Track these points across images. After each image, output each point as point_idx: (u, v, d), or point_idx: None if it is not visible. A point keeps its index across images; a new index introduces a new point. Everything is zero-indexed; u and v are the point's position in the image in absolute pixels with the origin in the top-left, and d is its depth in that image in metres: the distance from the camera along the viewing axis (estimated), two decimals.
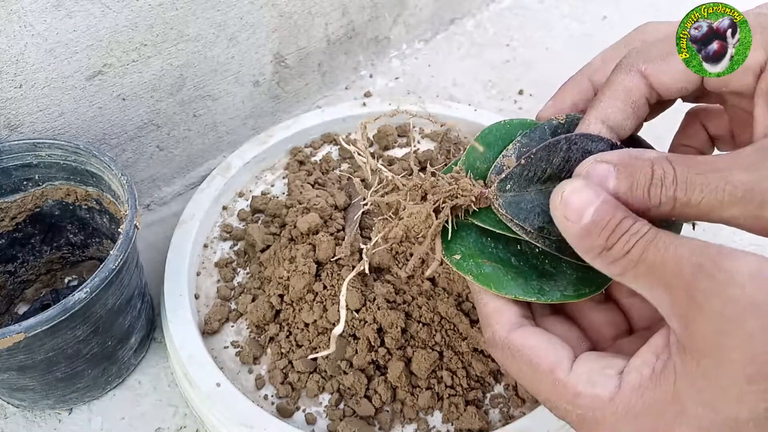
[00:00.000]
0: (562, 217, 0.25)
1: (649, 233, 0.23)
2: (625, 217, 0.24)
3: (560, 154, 0.27)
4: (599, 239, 0.24)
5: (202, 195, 0.58)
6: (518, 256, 0.29)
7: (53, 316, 0.37)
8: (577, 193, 0.25)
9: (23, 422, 0.47)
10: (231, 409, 0.43)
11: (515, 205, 0.27)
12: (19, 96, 0.47)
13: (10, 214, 0.49)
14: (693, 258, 0.22)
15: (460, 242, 0.29)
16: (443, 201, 0.28)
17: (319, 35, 0.68)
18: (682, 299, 0.22)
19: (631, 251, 0.23)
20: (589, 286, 0.28)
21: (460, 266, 0.28)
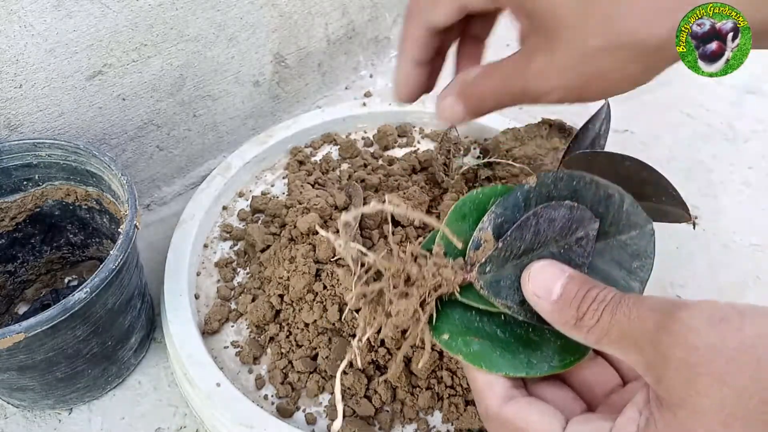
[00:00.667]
0: (532, 295, 0.27)
1: (614, 299, 0.25)
2: (591, 287, 0.26)
3: (530, 230, 0.29)
4: (570, 311, 0.26)
5: (202, 195, 0.58)
6: (503, 327, 0.30)
7: (53, 316, 0.37)
8: (543, 270, 0.27)
9: (23, 422, 0.47)
10: (231, 409, 0.43)
11: (495, 284, 0.29)
12: (19, 96, 0.47)
13: (10, 214, 0.49)
14: (653, 315, 0.23)
15: (446, 320, 0.30)
16: (428, 293, 0.29)
17: (319, 35, 0.68)
18: (652, 356, 0.23)
19: (601, 319, 0.25)
20: (573, 354, 0.29)
21: (449, 346, 0.29)
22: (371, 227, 0.51)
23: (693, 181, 0.68)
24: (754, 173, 0.69)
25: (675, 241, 0.61)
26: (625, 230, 0.32)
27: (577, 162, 0.46)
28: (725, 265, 0.60)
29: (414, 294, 0.29)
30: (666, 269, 0.59)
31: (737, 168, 0.69)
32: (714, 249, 0.61)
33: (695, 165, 0.70)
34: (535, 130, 0.59)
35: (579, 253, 0.30)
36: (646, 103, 0.76)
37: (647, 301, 0.24)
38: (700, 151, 0.71)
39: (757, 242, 0.62)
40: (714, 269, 0.60)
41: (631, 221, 0.32)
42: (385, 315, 0.29)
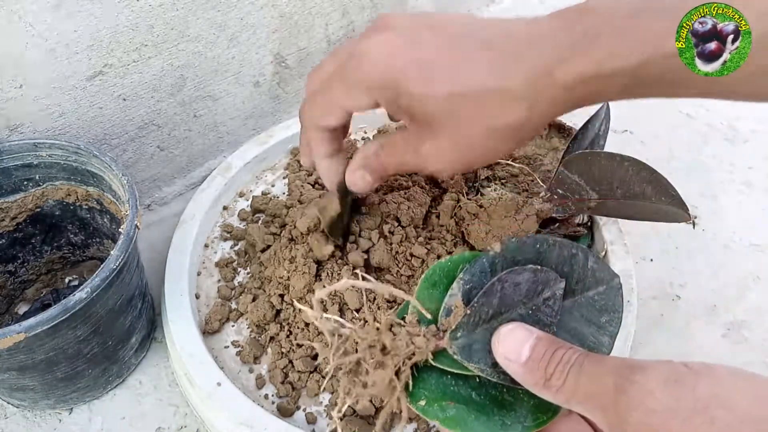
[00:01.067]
0: (503, 358, 0.28)
1: (578, 359, 0.26)
2: (557, 348, 0.27)
3: (497, 294, 0.30)
4: (539, 373, 0.27)
5: (203, 195, 0.58)
6: (478, 390, 0.31)
7: (54, 316, 0.37)
8: (512, 334, 0.28)
9: (23, 422, 0.47)
10: (231, 408, 0.43)
11: (467, 348, 0.30)
12: (20, 96, 0.47)
13: (11, 214, 0.49)
14: (612, 378, 0.24)
15: (423, 385, 0.31)
16: (403, 362, 0.30)
17: (320, 36, 0.68)
18: (613, 417, 0.24)
19: (567, 380, 0.26)
20: (546, 412, 0.30)
21: (426, 412, 0.30)
22: (371, 228, 0.51)
23: (693, 181, 0.68)
24: (754, 173, 0.69)
25: (675, 241, 0.61)
26: (592, 286, 0.33)
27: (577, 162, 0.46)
28: (725, 265, 0.60)
29: (389, 364, 0.30)
30: (666, 269, 0.59)
31: (737, 168, 0.69)
32: (714, 249, 0.61)
33: (695, 165, 0.70)
34: None
35: (547, 313, 0.31)
36: (646, 103, 0.76)
37: (608, 363, 0.25)
38: (700, 151, 0.71)
39: (757, 242, 0.62)
40: (714, 269, 0.60)
41: (597, 277, 0.33)
42: (361, 386, 0.30)
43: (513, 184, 0.56)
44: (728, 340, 0.54)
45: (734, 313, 0.56)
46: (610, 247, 0.53)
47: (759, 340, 0.54)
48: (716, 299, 0.57)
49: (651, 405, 0.23)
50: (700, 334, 0.55)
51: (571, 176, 0.47)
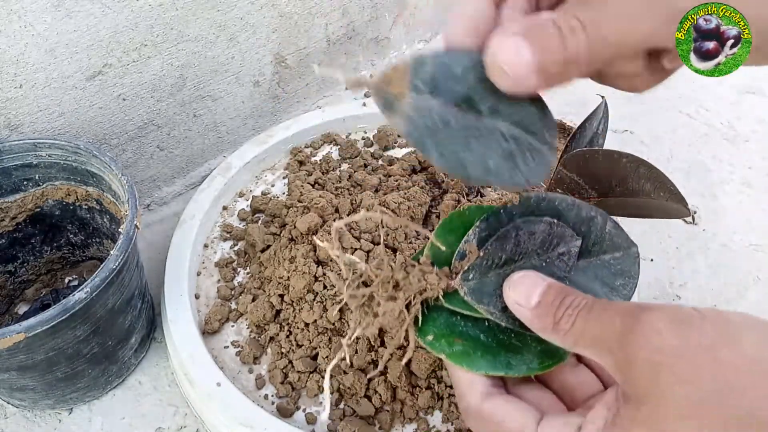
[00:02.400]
0: (513, 303, 0.29)
1: (587, 304, 0.26)
2: (566, 295, 0.27)
3: (511, 241, 0.30)
4: (548, 318, 0.27)
5: (203, 195, 0.58)
6: (486, 332, 0.31)
7: (53, 316, 0.37)
8: (523, 280, 0.29)
9: (23, 422, 0.47)
10: (231, 408, 0.43)
11: (479, 291, 0.30)
12: (20, 96, 0.47)
13: (11, 214, 0.49)
14: (620, 318, 0.25)
15: (432, 323, 0.31)
16: (414, 297, 0.30)
17: (319, 35, 0.68)
18: (620, 356, 0.24)
19: (575, 323, 0.26)
20: (552, 357, 0.30)
21: (433, 346, 0.30)
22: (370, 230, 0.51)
23: (693, 181, 0.68)
24: (754, 173, 0.69)
25: (675, 241, 0.61)
26: (609, 250, 0.33)
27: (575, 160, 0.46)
28: (725, 265, 0.60)
29: (400, 297, 0.30)
30: (666, 269, 0.59)
31: (737, 168, 0.69)
32: (714, 249, 0.61)
33: (695, 165, 0.70)
34: None
35: (560, 267, 0.31)
36: (646, 103, 0.76)
37: (615, 306, 0.25)
38: (700, 151, 0.71)
39: (757, 242, 0.62)
40: (714, 269, 0.60)
41: (614, 242, 0.33)
42: (372, 315, 0.31)
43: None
44: None
45: None
46: None
47: None
48: (716, 299, 0.57)
49: (657, 344, 0.23)
50: None
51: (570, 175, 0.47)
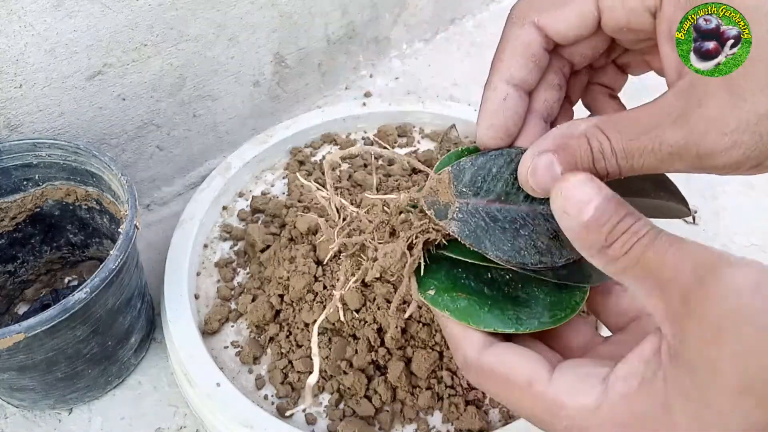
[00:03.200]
0: (561, 211, 0.24)
1: (649, 234, 0.23)
2: (626, 215, 0.23)
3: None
4: (599, 236, 0.23)
5: (202, 195, 0.58)
6: (490, 285, 0.29)
7: (53, 316, 0.37)
8: (579, 187, 0.24)
9: (23, 422, 0.47)
10: (231, 409, 0.43)
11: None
12: (19, 96, 0.47)
13: (10, 214, 0.49)
14: (692, 264, 0.21)
15: (432, 276, 0.29)
16: (415, 237, 0.28)
17: (319, 35, 0.68)
18: (678, 306, 0.21)
19: (630, 251, 0.23)
20: (564, 309, 0.28)
21: (435, 302, 0.28)
22: None
23: (693, 181, 0.68)
24: None
25: None
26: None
27: None
28: None
29: (401, 237, 0.28)
30: None
31: None
32: None
33: None
34: None
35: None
36: None
37: (688, 247, 0.22)
38: None
39: (757, 242, 0.62)
40: None
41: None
42: (371, 260, 0.29)
43: None
44: None
45: None
46: None
47: None
48: None
49: (733, 306, 0.20)
50: None
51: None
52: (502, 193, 0.28)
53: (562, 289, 0.29)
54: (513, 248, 0.27)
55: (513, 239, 0.27)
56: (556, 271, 0.28)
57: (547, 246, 0.27)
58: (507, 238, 0.27)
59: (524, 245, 0.27)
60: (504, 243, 0.27)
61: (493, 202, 0.28)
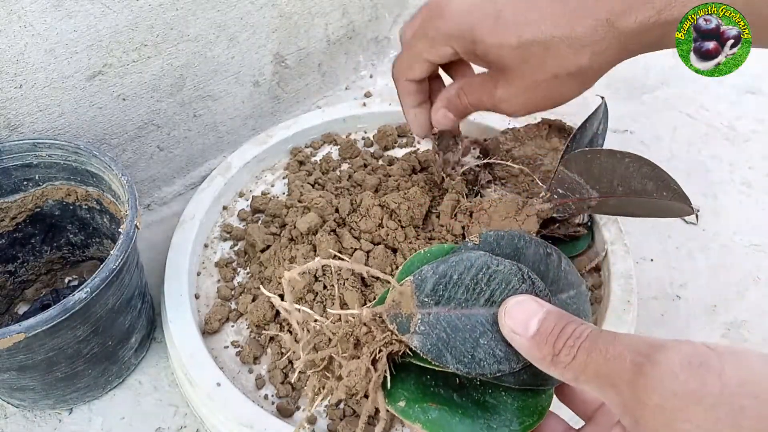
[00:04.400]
0: (510, 332, 0.27)
1: (591, 336, 0.25)
2: (567, 323, 0.25)
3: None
4: (547, 348, 0.25)
5: (203, 195, 0.58)
6: (460, 391, 0.29)
7: (53, 316, 0.37)
8: (520, 305, 0.27)
9: (23, 422, 0.47)
10: (231, 409, 0.43)
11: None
12: (20, 96, 0.47)
13: (11, 214, 0.49)
14: (630, 355, 0.23)
15: (401, 385, 0.29)
16: (379, 350, 0.28)
17: (319, 35, 0.68)
18: (629, 397, 0.23)
19: (577, 356, 0.24)
20: (531, 416, 0.29)
21: (406, 414, 0.28)
22: (371, 230, 0.51)
23: (693, 181, 0.68)
24: (754, 173, 0.69)
25: (675, 241, 0.61)
26: (565, 289, 0.32)
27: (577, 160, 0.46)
28: (725, 265, 0.60)
29: (365, 352, 0.28)
30: (666, 269, 0.59)
31: (737, 168, 0.69)
32: (714, 249, 0.61)
33: (695, 165, 0.70)
34: (535, 130, 0.59)
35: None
36: (646, 103, 0.76)
37: (624, 340, 0.24)
38: (700, 151, 0.71)
39: (757, 242, 0.62)
40: (714, 269, 0.60)
41: (569, 280, 0.32)
42: (336, 379, 0.29)
43: (513, 185, 0.56)
44: (728, 340, 0.54)
45: (734, 313, 0.56)
46: (610, 247, 0.53)
47: (759, 340, 0.54)
48: (716, 299, 0.57)
49: (673, 388, 0.21)
50: (700, 334, 0.55)
51: (571, 175, 0.47)
52: (462, 300, 0.29)
53: (527, 392, 0.29)
54: (473, 360, 0.27)
55: (473, 350, 0.28)
56: (517, 376, 0.29)
57: (505, 353, 0.28)
58: (467, 349, 0.28)
59: (483, 355, 0.28)
60: (464, 355, 0.27)
61: (453, 310, 0.28)
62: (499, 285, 0.29)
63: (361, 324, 0.29)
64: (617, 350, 0.23)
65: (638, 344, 0.23)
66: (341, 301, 0.48)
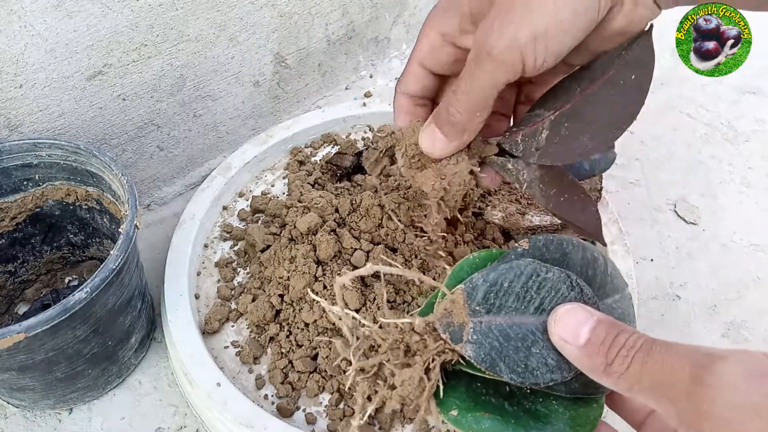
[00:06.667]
0: (559, 339, 0.27)
1: (644, 345, 0.24)
2: (619, 332, 0.25)
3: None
4: (599, 357, 0.25)
5: (203, 195, 0.58)
6: (510, 399, 0.29)
7: (53, 316, 0.37)
8: (570, 313, 0.27)
9: (23, 422, 0.47)
10: (231, 409, 0.43)
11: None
12: (20, 96, 0.47)
13: (11, 214, 0.49)
14: (688, 366, 0.23)
15: (453, 393, 0.29)
16: (432, 359, 0.28)
17: (319, 35, 0.68)
18: (687, 408, 0.22)
19: (631, 366, 0.24)
20: (584, 425, 0.29)
21: (459, 423, 0.28)
22: (370, 230, 0.51)
23: (693, 181, 0.68)
24: (754, 173, 0.69)
25: (675, 241, 0.61)
26: (611, 293, 0.32)
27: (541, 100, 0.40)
28: (725, 265, 0.60)
29: (417, 361, 0.28)
30: (666, 269, 0.59)
31: (737, 168, 0.69)
32: (714, 249, 0.61)
33: (695, 165, 0.70)
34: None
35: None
36: (645, 103, 0.76)
37: (680, 349, 0.23)
38: (700, 151, 0.71)
39: (757, 242, 0.62)
40: (714, 269, 0.60)
41: (614, 284, 0.32)
42: (389, 387, 0.28)
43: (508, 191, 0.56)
44: (728, 340, 0.54)
45: (734, 313, 0.56)
46: (610, 247, 0.53)
47: (759, 340, 0.54)
48: (716, 299, 0.57)
49: (734, 400, 0.21)
50: (700, 334, 0.55)
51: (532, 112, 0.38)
52: (512, 308, 0.29)
53: (578, 401, 0.29)
54: (527, 369, 0.27)
55: (526, 359, 0.28)
56: (568, 385, 0.28)
57: (557, 362, 0.28)
58: (520, 358, 0.27)
59: (536, 365, 0.28)
60: (518, 365, 0.27)
61: (505, 318, 0.28)
62: (549, 293, 0.29)
63: (411, 332, 0.28)
64: (674, 360, 0.23)
65: (695, 354, 0.23)
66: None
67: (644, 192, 0.66)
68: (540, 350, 0.28)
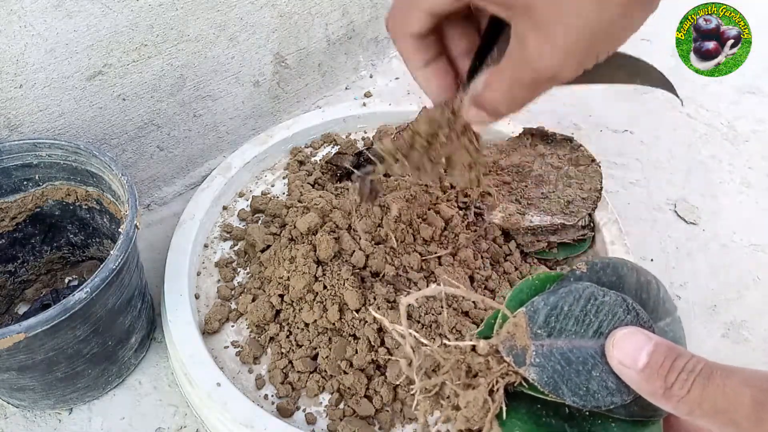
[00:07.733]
0: (618, 363, 0.27)
1: (704, 370, 0.24)
2: (678, 356, 0.25)
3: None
4: (658, 381, 0.25)
5: (203, 195, 0.58)
6: (570, 421, 0.29)
7: (53, 316, 0.37)
8: (628, 337, 0.27)
9: (23, 422, 0.47)
10: (231, 409, 0.43)
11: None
12: (20, 96, 0.47)
13: (11, 214, 0.49)
14: (750, 391, 0.23)
15: (514, 415, 0.29)
16: (496, 381, 0.28)
17: (319, 35, 0.68)
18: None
19: (692, 390, 0.24)
20: None
21: None
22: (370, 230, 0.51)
23: (693, 181, 0.68)
24: (754, 173, 0.69)
25: (675, 241, 0.61)
26: (663, 317, 0.32)
27: None
28: (725, 265, 0.60)
29: (481, 383, 0.28)
30: (666, 269, 0.59)
31: (737, 168, 0.69)
32: (714, 249, 0.61)
33: (695, 165, 0.70)
34: (518, 141, 0.61)
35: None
36: (646, 103, 0.76)
37: (742, 374, 0.24)
38: (700, 151, 0.71)
39: (757, 242, 0.62)
40: (714, 269, 0.60)
41: (665, 308, 0.32)
42: (453, 408, 0.29)
43: (508, 191, 0.57)
44: (728, 340, 0.54)
45: (734, 313, 0.56)
46: (610, 247, 0.53)
47: (759, 340, 0.54)
48: (716, 299, 0.57)
49: None
50: (700, 334, 0.55)
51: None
52: (572, 331, 0.29)
53: (636, 424, 0.29)
54: (588, 392, 0.28)
55: (587, 382, 0.28)
56: (627, 408, 0.29)
57: (617, 385, 0.28)
58: (582, 381, 0.28)
59: (597, 387, 0.28)
60: (579, 388, 0.28)
61: (565, 342, 0.29)
62: (606, 316, 0.29)
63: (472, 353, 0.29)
64: (736, 385, 0.23)
65: (757, 379, 0.23)
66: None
67: (644, 192, 0.66)
68: (600, 373, 0.28)
